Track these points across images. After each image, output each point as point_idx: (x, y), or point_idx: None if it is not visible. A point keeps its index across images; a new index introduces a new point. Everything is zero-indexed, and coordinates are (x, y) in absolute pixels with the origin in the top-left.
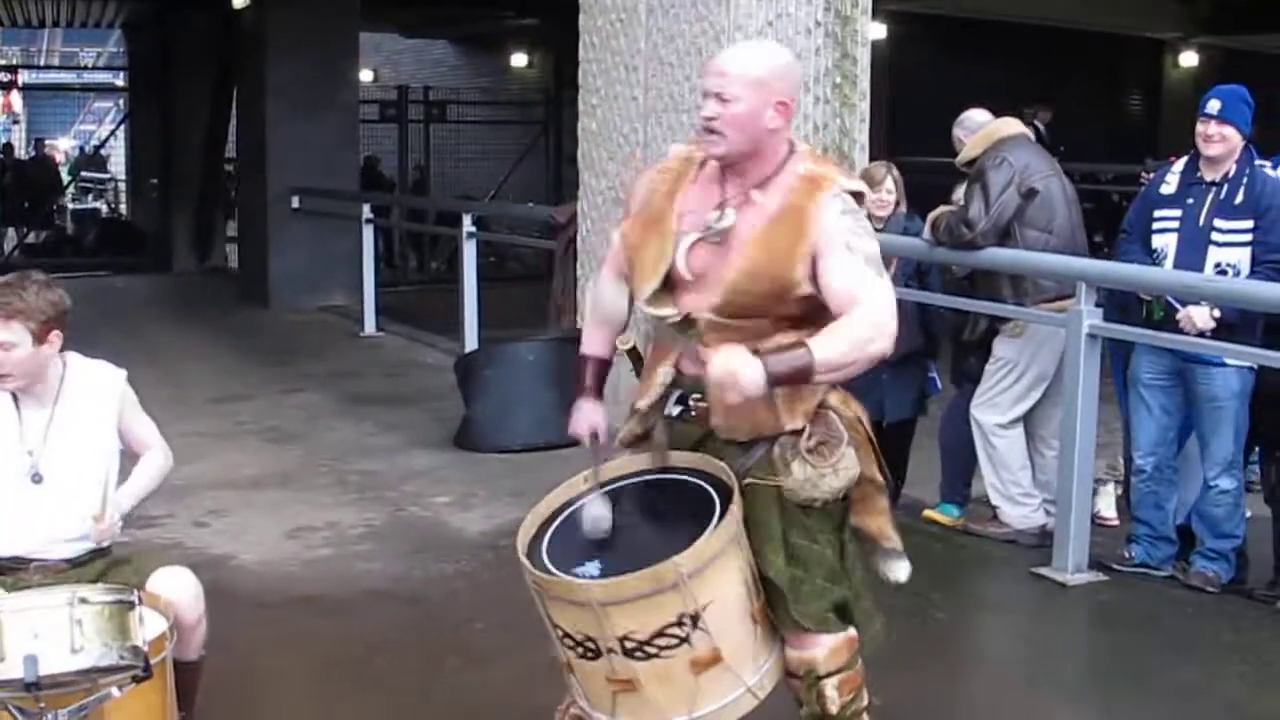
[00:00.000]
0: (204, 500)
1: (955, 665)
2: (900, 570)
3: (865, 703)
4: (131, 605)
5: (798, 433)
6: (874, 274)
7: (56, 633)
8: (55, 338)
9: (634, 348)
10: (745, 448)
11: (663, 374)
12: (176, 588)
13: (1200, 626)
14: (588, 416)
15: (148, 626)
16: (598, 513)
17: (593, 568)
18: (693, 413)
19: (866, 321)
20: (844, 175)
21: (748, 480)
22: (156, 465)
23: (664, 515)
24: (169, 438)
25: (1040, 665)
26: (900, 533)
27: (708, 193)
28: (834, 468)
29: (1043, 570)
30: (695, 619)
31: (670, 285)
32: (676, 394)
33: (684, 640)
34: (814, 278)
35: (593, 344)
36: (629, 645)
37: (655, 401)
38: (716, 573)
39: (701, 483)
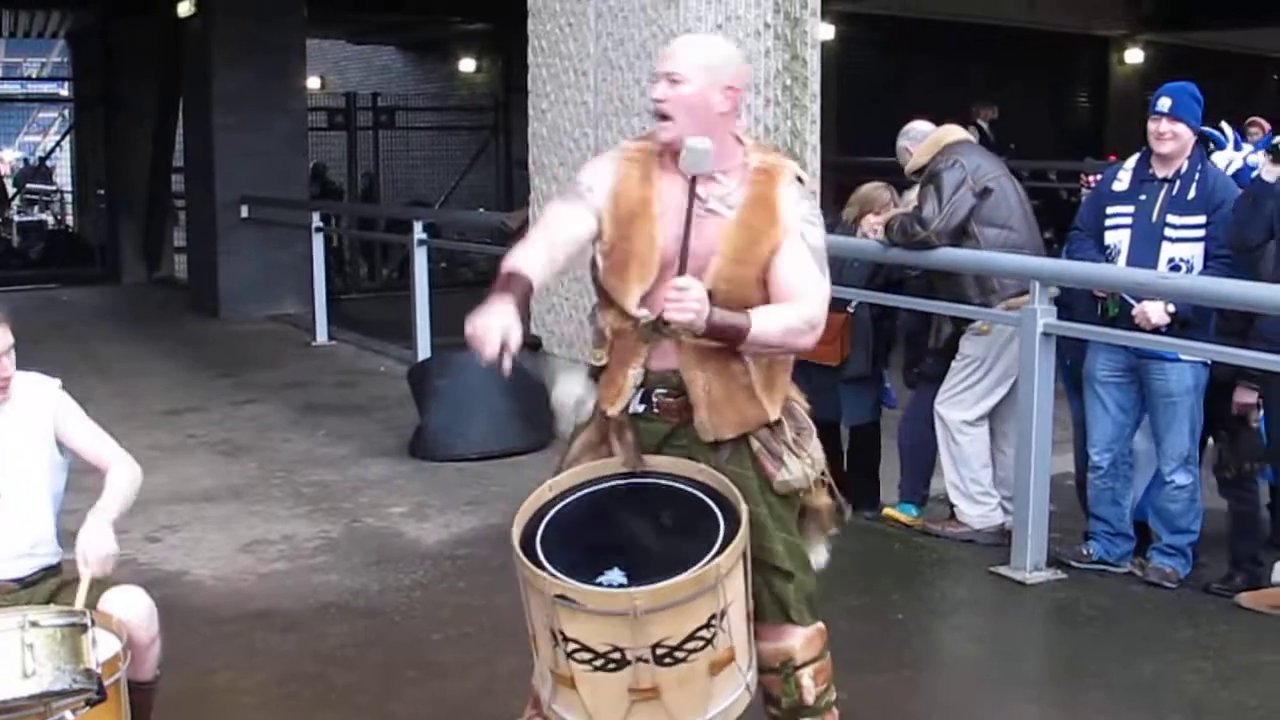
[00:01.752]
0: (156, 515)
1: (916, 665)
2: (823, 555)
3: (835, 696)
4: (84, 627)
5: (774, 425)
6: (819, 271)
7: (7, 658)
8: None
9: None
10: (715, 444)
11: (634, 375)
12: (129, 607)
13: (1159, 622)
14: (502, 320)
15: (101, 648)
16: (575, 391)
17: (617, 575)
18: (656, 409)
19: (804, 316)
20: (792, 161)
21: (731, 475)
22: (127, 478)
23: (654, 520)
24: None
25: (1001, 664)
26: (860, 533)
27: (673, 184)
28: (811, 457)
29: (1001, 569)
30: (721, 618)
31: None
32: (639, 392)
33: (709, 642)
34: None
35: (531, 261)
36: (660, 652)
37: (624, 407)
38: (736, 572)
39: (685, 486)
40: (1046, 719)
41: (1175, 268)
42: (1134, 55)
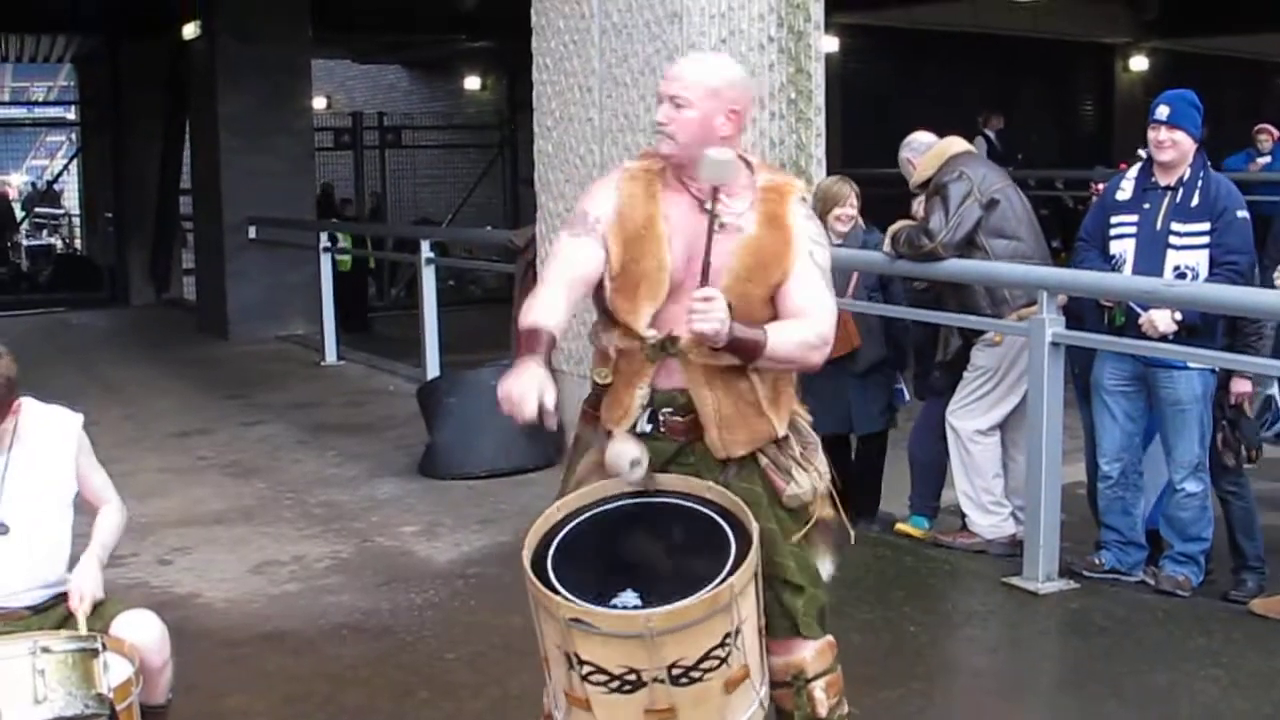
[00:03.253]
0: (168, 538)
1: (929, 678)
2: (828, 566)
3: (847, 710)
4: (95, 652)
5: (780, 440)
6: (828, 291)
7: (19, 684)
8: (17, 407)
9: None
10: (723, 462)
11: (640, 395)
12: (141, 631)
13: (1172, 631)
14: (535, 380)
15: (113, 672)
16: (631, 453)
17: (630, 597)
18: (664, 429)
19: (817, 333)
20: (798, 180)
21: (740, 491)
22: (115, 524)
23: (666, 539)
24: (130, 474)
25: (1015, 675)
26: (871, 546)
27: (680, 202)
28: (817, 469)
29: (1014, 580)
30: (736, 636)
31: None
32: (647, 411)
33: (724, 660)
34: None
35: (549, 314)
36: (675, 672)
37: (631, 426)
38: (749, 590)
39: (693, 504)
40: None
41: (1181, 275)
42: (1139, 63)
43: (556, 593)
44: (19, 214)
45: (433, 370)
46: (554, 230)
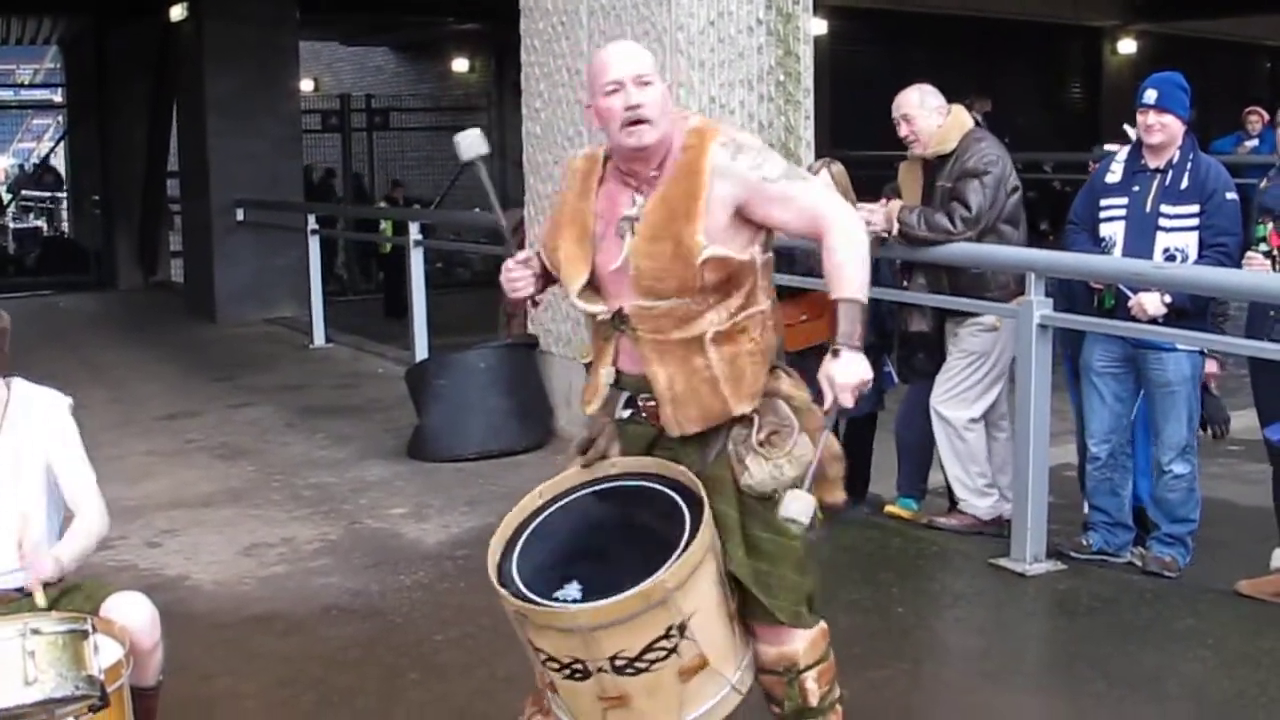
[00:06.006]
0: (156, 520)
1: (917, 658)
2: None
3: (838, 694)
4: (85, 634)
5: (746, 421)
6: (811, 184)
7: (9, 665)
8: (8, 381)
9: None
10: (701, 444)
11: (605, 375)
12: (131, 613)
13: (1160, 612)
14: (534, 267)
15: (103, 654)
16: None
17: (573, 590)
18: (643, 414)
19: (847, 238)
20: (726, 127)
21: (713, 476)
22: (92, 534)
23: (633, 524)
24: (119, 458)
25: (1002, 656)
26: (859, 528)
27: (618, 191)
28: (789, 457)
29: (1001, 561)
30: (682, 629)
31: (597, 285)
32: (624, 396)
33: (672, 651)
34: (732, 231)
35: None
36: (619, 663)
37: (603, 404)
38: (698, 581)
39: (663, 488)
40: (1048, 710)
41: (1170, 257)
42: (1127, 45)
43: (506, 587)
44: (5, 197)
45: (421, 353)
46: (542, 212)
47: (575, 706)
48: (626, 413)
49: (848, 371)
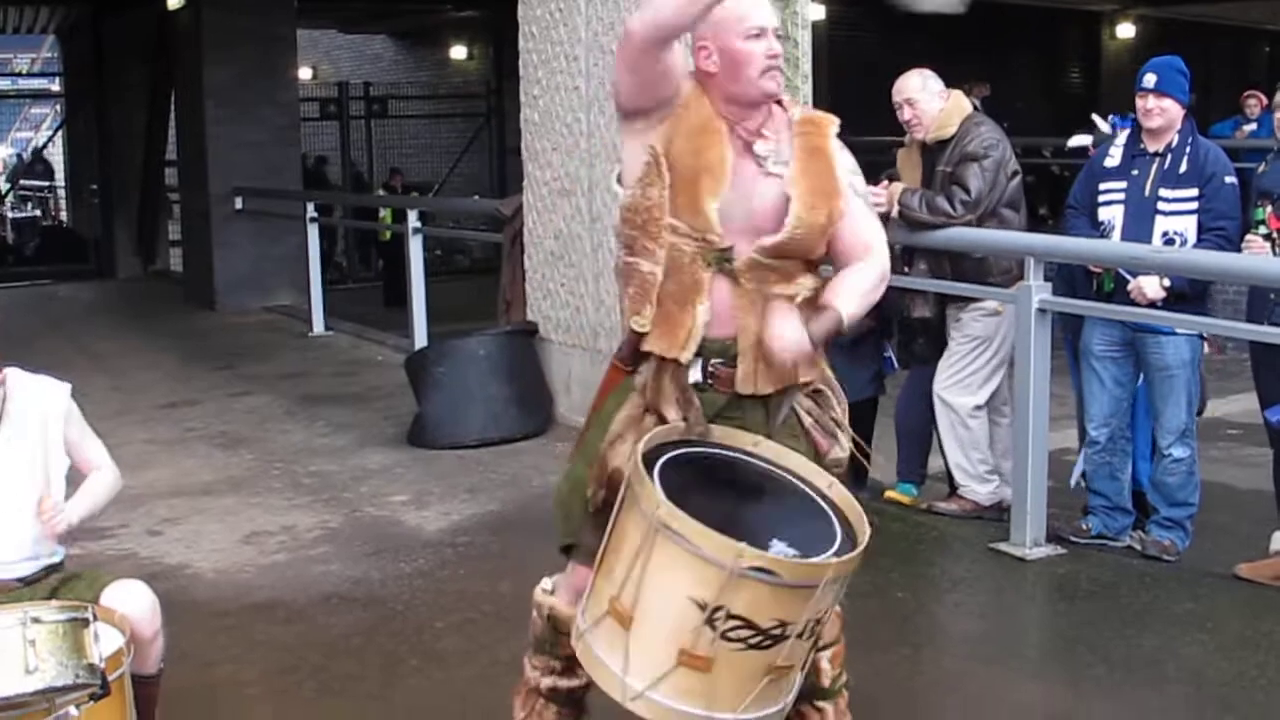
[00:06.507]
0: (157, 509)
1: (917, 643)
2: None
3: (845, 678)
4: (86, 622)
5: (812, 394)
6: (875, 218)
7: (9, 654)
8: (3, 375)
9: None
10: (767, 409)
11: (700, 313)
12: (131, 601)
13: (1158, 595)
14: None
15: (104, 643)
16: None
17: (782, 547)
18: (712, 379)
19: (876, 274)
20: (833, 116)
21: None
22: (105, 483)
23: (762, 497)
24: (118, 446)
25: (1002, 640)
26: None
27: (730, 135)
28: (848, 434)
29: (1001, 545)
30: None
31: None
32: (698, 362)
33: (827, 619)
34: None
35: None
36: (813, 625)
37: (692, 356)
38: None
39: (805, 487)
40: (1048, 694)
41: (1169, 241)
42: (1125, 30)
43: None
44: (3, 186)
45: (420, 340)
46: (541, 199)
47: (728, 681)
48: (699, 377)
49: (798, 342)
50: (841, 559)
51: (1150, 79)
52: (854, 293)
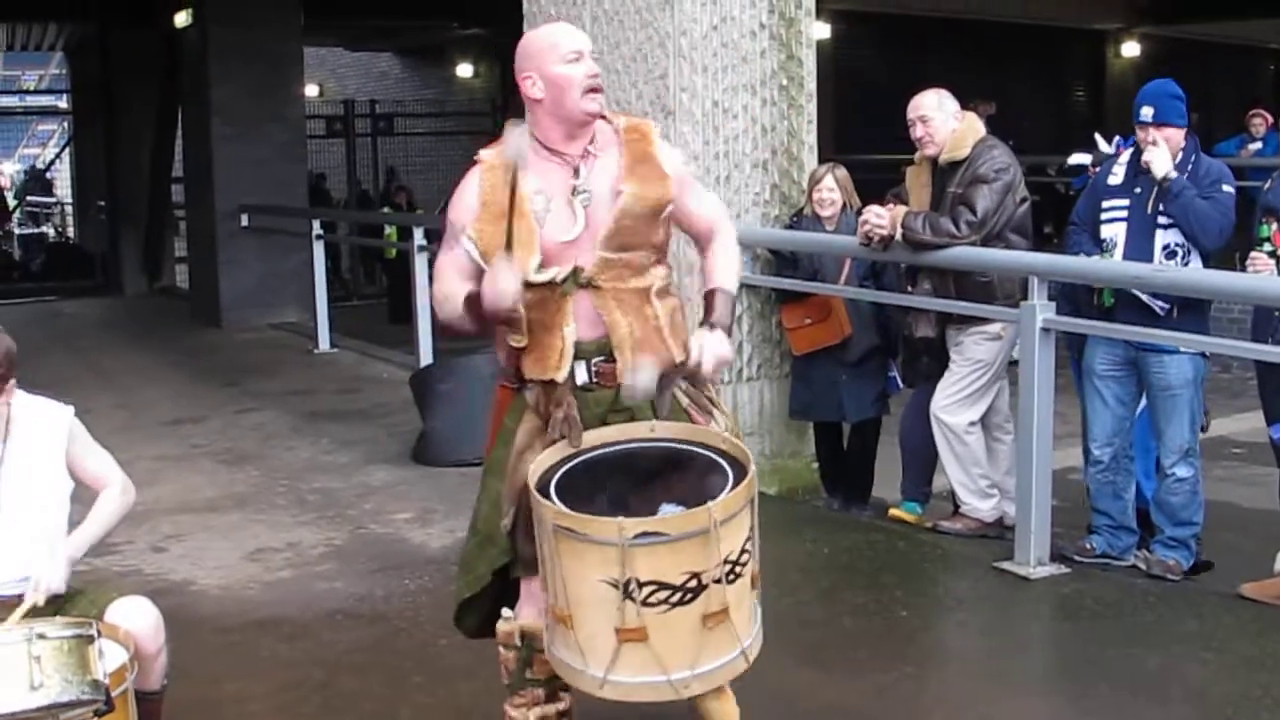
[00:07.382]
0: (161, 525)
1: (921, 662)
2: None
3: None
4: (90, 639)
5: (689, 377)
6: (715, 196)
7: (15, 670)
8: (9, 389)
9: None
10: (652, 403)
11: (568, 334)
12: (135, 618)
13: (1162, 615)
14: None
15: (108, 659)
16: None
17: (670, 508)
18: (597, 377)
19: (733, 244)
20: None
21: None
22: (113, 507)
23: (666, 473)
24: (124, 463)
25: (1006, 659)
26: (864, 531)
27: (547, 170)
28: (726, 414)
29: (1005, 564)
30: (751, 538)
31: (544, 257)
32: (580, 365)
33: (750, 558)
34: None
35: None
36: (726, 568)
37: (569, 372)
38: (745, 518)
39: (699, 450)
40: (1052, 713)
41: (1171, 254)
42: (1130, 48)
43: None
44: (11, 203)
45: (426, 357)
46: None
47: (671, 645)
48: (584, 378)
49: (723, 345)
50: (718, 500)
51: (1148, 111)
52: (728, 270)
